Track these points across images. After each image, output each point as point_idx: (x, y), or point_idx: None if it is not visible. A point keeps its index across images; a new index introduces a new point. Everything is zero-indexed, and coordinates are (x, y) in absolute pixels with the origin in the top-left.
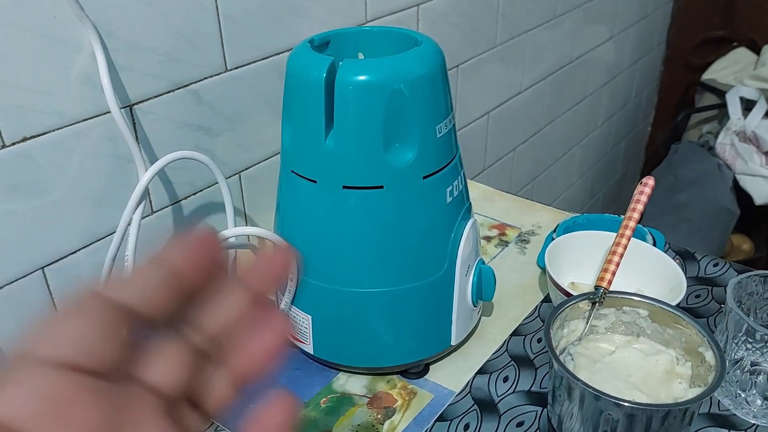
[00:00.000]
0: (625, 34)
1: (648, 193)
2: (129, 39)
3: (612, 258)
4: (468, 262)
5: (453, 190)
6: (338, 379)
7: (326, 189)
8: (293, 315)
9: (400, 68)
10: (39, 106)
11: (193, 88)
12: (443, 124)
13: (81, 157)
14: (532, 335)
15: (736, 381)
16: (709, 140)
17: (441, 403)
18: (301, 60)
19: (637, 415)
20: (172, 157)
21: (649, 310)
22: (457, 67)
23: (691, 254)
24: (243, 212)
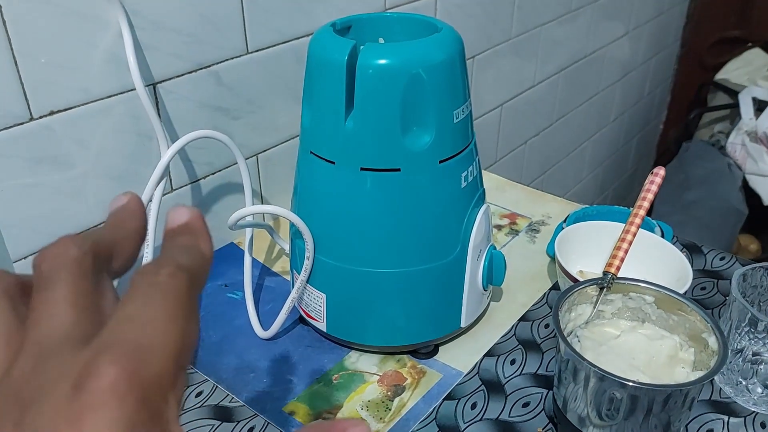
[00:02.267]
0: (640, 31)
1: (659, 183)
2: (155, 19)
3: (621, 245)
4: (480, 247)
5: (468, 175)
6: (350, 357)
7: (344, 170)
8: (308, 293)
9: (420, 53)
10: (66, 82)
11: (215, 69)
12: (460, 110)
13: (104, 132)
14: (540, 321)
15: (738, 369)
16: (721, 140)
17: (449, 383)
18: (323, 43)
19: (640, 396)
20: (194, 135)
21: (654, 296)
22: (473, 59)
23: (698, 247)
24: (260, 194)
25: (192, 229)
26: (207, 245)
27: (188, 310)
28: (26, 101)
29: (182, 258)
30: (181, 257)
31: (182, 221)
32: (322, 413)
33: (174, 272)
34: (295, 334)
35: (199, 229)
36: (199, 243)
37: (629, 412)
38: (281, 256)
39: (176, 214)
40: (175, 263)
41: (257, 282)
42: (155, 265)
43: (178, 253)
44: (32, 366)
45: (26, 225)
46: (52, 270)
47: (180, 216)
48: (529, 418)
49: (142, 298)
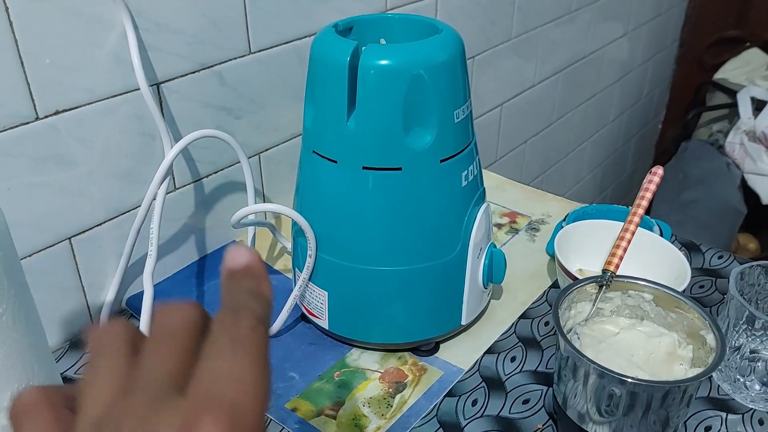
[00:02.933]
0: (639, 31)
1: (657, 182)
2: (159, 19)
3: (620, 243)
4: (480, 245)
5: (468, 174)
6: (352, 354)
7: (346, 169)
8: (310, 291)
9: (421, 54)
10: (71, 82)
11: (218, 70)
12: (461, 110)
13: (109, 132)
14: (540, 318)
15: (736, 367)
16: (719, 139)
17: (450, 380)
18: (325, 44)
19: (639, 393)
20: (197, 135)
21: (653, 294)
22: (473, 59)
23: (696, 246)
24: (262, 193)
25: (254, 272)
26: (269, 291)
27: (268, 364)
28: (32, 101)
29: (255, 307)
30: (254, 306)
31: (243, 263)
32: (324, 410)
33: (255, 326)
34: (297, 331)
35: (261, 273)
36: (262, 288)
37: (628, 408)
38: (283, 254)
39: (237, 254)
40: (254, 315)
41: None
42: (234, 317)
43: (251, 302)
44: (137, 399)
45: (32, 223)
46: (172, 327)
47: (240, 257)
48: (530, 414)
49: (230, 354)
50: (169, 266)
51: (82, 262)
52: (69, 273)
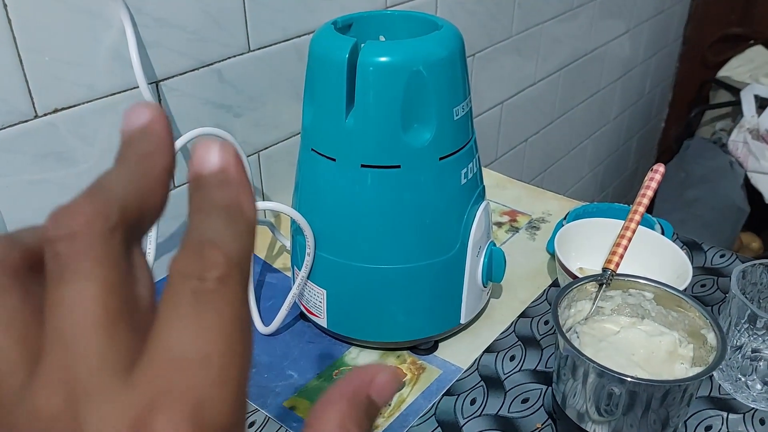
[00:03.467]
0: (641, 28)
1: (658, 180)
2: (158, 16)
3: (620, 241)
4: (480, 244)
5: (468, 172)
6: (350, 353)
7: (345, 167)
8: (308, 289)
9: (421, 51)
10: (70, 79)
11: (217, 67)
12: (460, 107)
13: (109, 129)
14: (540, 317)
15: (737, 366)
16: (722, 137)
17: (449, 379)
18: (324, 41)
19: (639, 392)
20: (195, 133)
21: (654, 293)
22: (473, 56)
23: (698, 245)
24: (261, 191)
25: (229, 178)
26: (250, 205)
27: (247, 332)
28: (31, 98)
29: (228, 239)
30: (226, 237)
31: (215, 164)
32: None
33: (226, 274)
34: (296, 329)
35: (239, 180)
36: (241, 202)
37: (628, 407)
38: (282, 252)
39: (206, 153)
40: (224, 255)
41: (258, 278)
42: (198, 260)
43: (222, 229)
44: (63, 400)
45: (31, 221)
46: (73, 254)
47: (212, 157)
48: (529, 413)
49: (192, 321)
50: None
51: None
52: None
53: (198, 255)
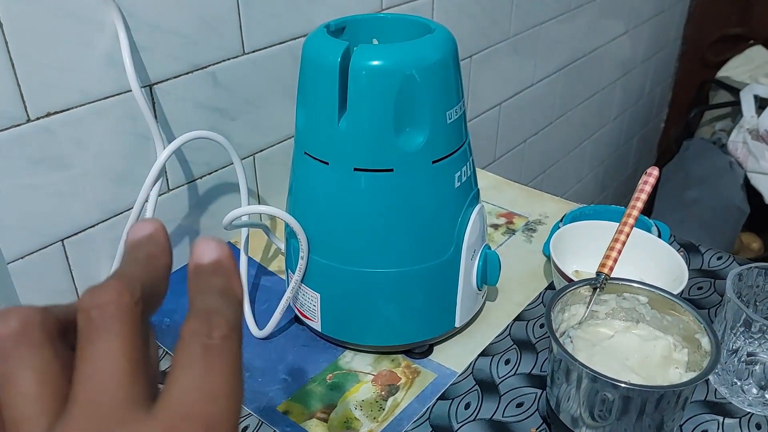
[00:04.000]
0: (641, 29)
1: (652, 183)
2: (151, 20)
3: (614, 245)
4: (474, 247)
5: (461, 175)
6: (344, 357)
7: (338, 171)
8: (302, 293)
9: (413, 54)
10: (63, 83)
11: (211, 70)
12: (453, 111)
13: (101, 134)
14: (535, 321)
15: (733, 370)
16: (722, 138)
17: (443, 383)
18: (316, 44)
19: (633, 397)
20: (189, 136)
21: (648, 297)
22: (471, 58)
23: (695, 247)
24: (256, 194)
25: (224, 269)
26: (240, 289)
27: (242, 377)
28: (23, 103)
29: (227, 311)
30: (226, 310)
31: (212, 258)
32: (316, 413)
33: (228, 334)
34: (290, 333)
35: (232, 270)
36: (233, 287)
37: (622, 412)
38: (278, 255)
39: (205, 248)
40: (226, 322)
41: (253, 281)
42: (206, 323)
43: (222, 305)
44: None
45: (23, 225)
46: (103, 318)
47: (209, 251)
48: (523, 418)
49: (203, 367)
50: None
51: (75, 264)
52: (62, 275)
53: (205, 320)
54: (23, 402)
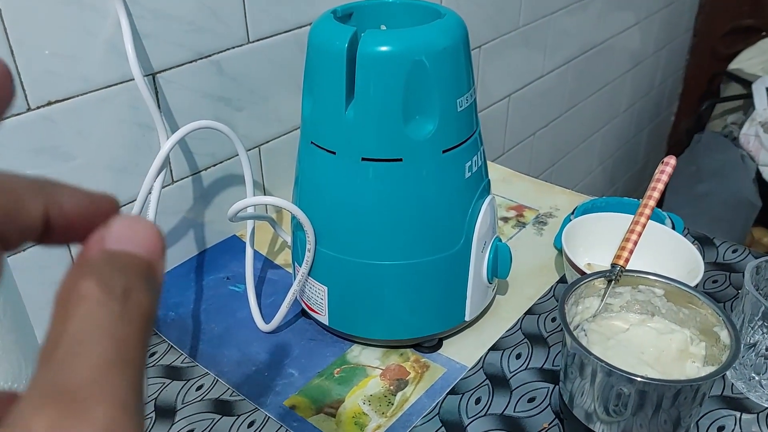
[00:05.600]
0: (651, 20)
1: (669, 172)
2: (154, 7)
3: (630, 236)
4: (485, 239)
5: (472, 165)
6: (352, 351)
7: (345, 161)
8: (309, 286)
9: (422, 40)
10: (64, 71)
11: (216, 59)
12: (464, 98)
13: (104, 123)
14: (547, 314)
15: (751, 364)
16: (733, 131)
17: (453, 377)
18: (323, 30)
19: (649, 392)
20: (193, 126)
21: (664, 289)
22: (479, 48)
23: (709, 240)
24: (262, 185)
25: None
26: (162, 277)
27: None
28: (23, 91)
29: (141, 280)
30: (139, 278)
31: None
32: (324, 407)
33: (137, 288)
34: (297, 327)
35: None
36: (156, 276)
37: (638, 407)
38: (284, 248)
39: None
40: (138, 277)
41: (259, 275)
42: (108, 267)
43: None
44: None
45: None
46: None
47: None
48: (535, 413)
49: (88, 321)
50: (167, 261)
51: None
52: (65, 268)
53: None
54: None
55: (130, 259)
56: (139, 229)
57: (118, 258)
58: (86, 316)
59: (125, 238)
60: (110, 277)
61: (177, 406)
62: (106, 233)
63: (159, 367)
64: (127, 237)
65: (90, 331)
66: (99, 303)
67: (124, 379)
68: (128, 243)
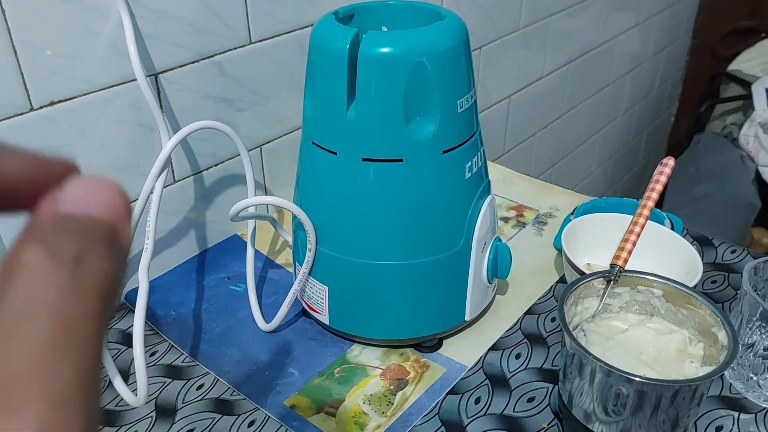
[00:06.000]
0: (651, 21)
1: (668, 174)
2: (156, 7)
3: (629, 237)
4: (485, 239)
5: (472, 166)
6: (352, 350)
7: (346, 161)
8: (310, 285)
9: (423, 41)
10: (66, 72)
11: (217, 60)
12: (464, 99)
13: (106, 123)
14: (546, 314)
15: (749, 365)
16: (733, 131)
17: (453, 377)
18: (325, 31)
19: (647, 392)
20: (195, 126)
21: (663, 289)
22: (480, 49)
23: (708, 240)
24: (263, 186)
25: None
26: (128, 243)
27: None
28: (26, 91)
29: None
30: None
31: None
32: (324, 407)
33: (94, 255)
34: (298, 326)
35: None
36: (120, 241)
37: (636, 407)
38: (285, 248)
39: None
40: (96, 242)
41: (260, 274)
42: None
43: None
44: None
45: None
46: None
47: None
48: (535, 413)
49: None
50: (169, 260)
51: None
52: None
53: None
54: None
55: (85, 223)
56: (98, 190)
57: (70, 221)
58: (27, 288)
59: (81, 200)
60: (59, 242)
61: (177, 406)
62: (60, 195)
63: (159, 367)
64: (84, 198)
65: (30, 308)
66: (43, 272)
67: (67, 368)
68: (85, 205)
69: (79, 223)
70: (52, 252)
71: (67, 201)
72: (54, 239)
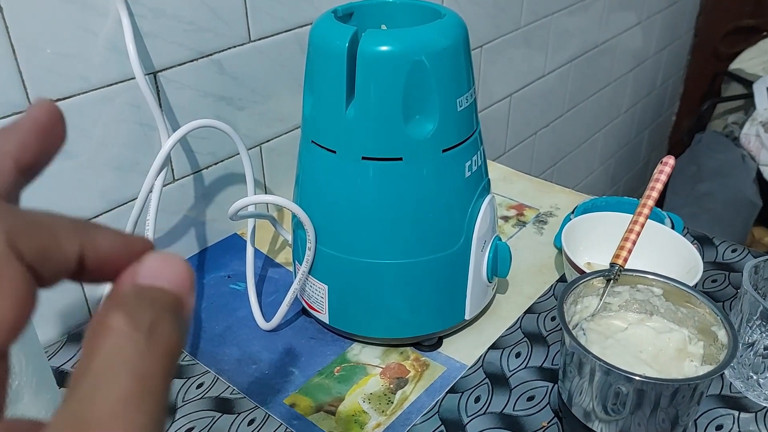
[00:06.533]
0: (653, 20)
1: (668, 173)
2: (155, 6)
3: (628, 236)
4: (484, 238)
5: (472, 165)
6: (352, 349)
7: (345, 159)
8: (310, 284)
9: (423, 40)
10: (65, 70)
11: (217, 58)
12: (464, 98)
13: (105, 122)
14: (546, 313)
15: (749, 364)
16: (734, 130)
17: (453, 376)
18: (324, 30)
19: (647, 391)
20: (194, 125)
21: (663, 288)
22: (481, 48)
23: (709, 239)
24: (263, 184)
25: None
26: (191, 311)
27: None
28: (24, 90)
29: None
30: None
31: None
32: (324, 405)
33: (164, 323)
34: (298, 325)
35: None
36: (185, 311)
37: (636, 406)
38: (285, 246)
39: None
40: (166, 312)
41: (260, 273)
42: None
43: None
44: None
45: None
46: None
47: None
48: (534, 412)
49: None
50: None
51: None
52: None
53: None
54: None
55: (158, 294)
56: (170, 265)
57: (147, 292)
58: (112, 348)
59: (156, 274)
60: (138, 310)
61: (177, 404)
62: (138, 268)
63: None
64: (158, 272)
65: (114, 364)
66: (125, 336)
67: (144, 414)
68: (158, 278)
69: (154, 294)
70: (132, 319)
71: (145, 273)
72: (134, 308)
